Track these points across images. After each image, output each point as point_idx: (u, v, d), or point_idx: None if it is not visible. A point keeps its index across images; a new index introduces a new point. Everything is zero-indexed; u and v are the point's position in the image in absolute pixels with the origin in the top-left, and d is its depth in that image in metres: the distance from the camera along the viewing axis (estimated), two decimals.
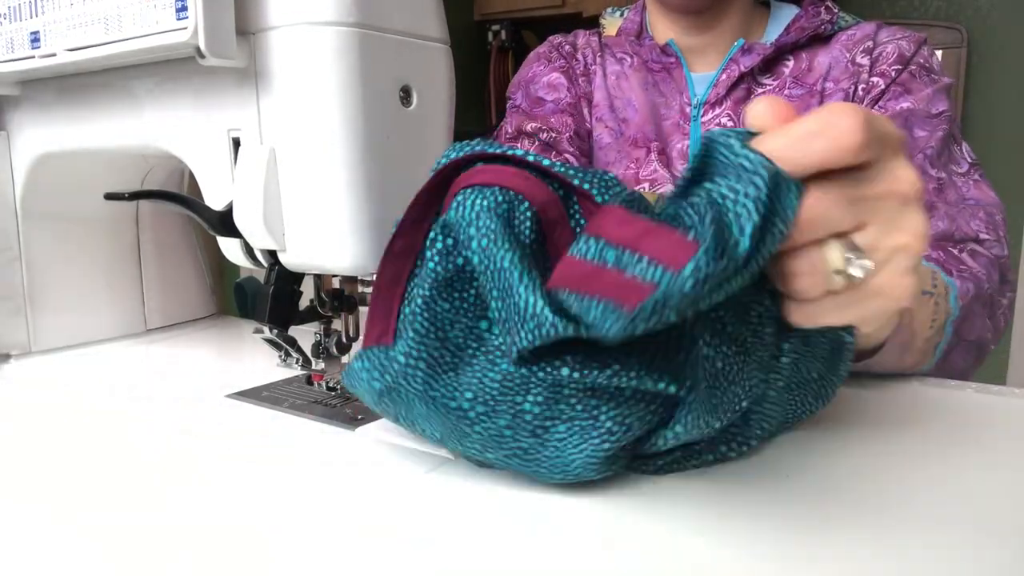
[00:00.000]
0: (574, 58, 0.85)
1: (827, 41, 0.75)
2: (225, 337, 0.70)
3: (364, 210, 0.41)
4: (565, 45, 0.86)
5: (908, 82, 0.71)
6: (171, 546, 0.31)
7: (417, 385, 0.34)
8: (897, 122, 0.69)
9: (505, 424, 0.34)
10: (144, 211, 0.67)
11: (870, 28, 0.74)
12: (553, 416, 0.33)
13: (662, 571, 0.29)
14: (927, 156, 0.67)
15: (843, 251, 0.30)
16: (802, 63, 0.74)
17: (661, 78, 0.78)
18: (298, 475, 0.38)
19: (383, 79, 0.41)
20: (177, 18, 0.39)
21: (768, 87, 0.74)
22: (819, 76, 0.73)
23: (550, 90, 0.83)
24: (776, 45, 0.74)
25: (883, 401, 0.48)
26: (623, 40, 0.82)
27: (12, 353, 0.60)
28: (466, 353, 0.35)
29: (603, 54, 0.83)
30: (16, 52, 0.48)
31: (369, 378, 0.36)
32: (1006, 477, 0.37)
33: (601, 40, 0.85)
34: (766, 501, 0.34)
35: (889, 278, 0.31)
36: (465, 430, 0.34)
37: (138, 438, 0.44)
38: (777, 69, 0.75)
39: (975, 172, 0.69)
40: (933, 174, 0.67)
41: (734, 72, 0.74)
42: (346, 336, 0.50)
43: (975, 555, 0.30)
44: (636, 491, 0.36)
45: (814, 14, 0.75)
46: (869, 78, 0.72)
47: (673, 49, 0.77)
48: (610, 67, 0.82)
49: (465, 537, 0.32)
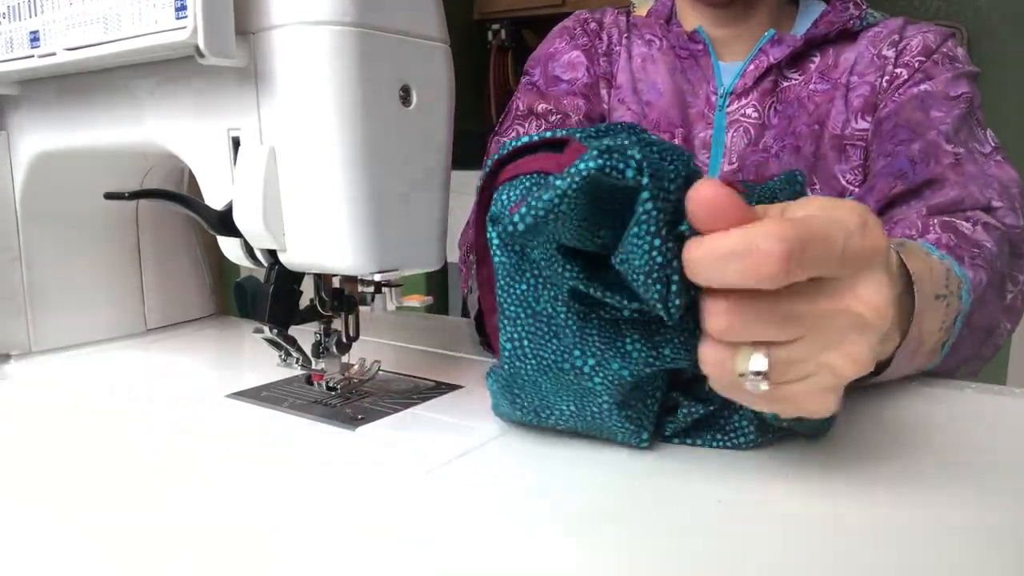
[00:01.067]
0: (598, 37, 0.83)
1: (854, 37, 0.74)
2: (225, 337, 0.70)
3: (364, 210, 0.41)
4: (591, 22, 0.85)
5: (930, 69, 0.70)
6: (171, 546, 0.31)
7: (530, 361, 0.39)
8: (913, 104, 0.68)
9: (618, 366, 0.37)
10: (144, 211, 0.67)
11: (897, 24, 0.74)
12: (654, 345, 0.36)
13: (663, 571, 0.29)
14: (941, 132, 0.66)
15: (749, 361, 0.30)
16: (828, 58, 0.74)
17: (688, 65, 0.78)
18: (298, 475, 0.38)
19: (383, 79, 0.41)
20: (176, 17, 0.38)
21: (794, 81, 0.74)
22: (844, 70, 0.73)
23: (568, 69, 0.82)
24: (806, 38, 0.73)
25: (883, 401, 0.47)
26: (652, 22, 0.82)
27: (12, 353, 0.60)
28: (558, 319, 0.38)
29: (630, 35, 0.82)
30: (15, 52, 0.48)
31: (498, 387, 0.41)
32: (1006, 477, 0.37)
33: (629, 20, 0.84)
34: (763, 502, 0.34)
35: (805, 391, 0.31)
36: (588, 385, 0.38)
37: (138, 438, 0.44)
38: (804, 64, 0.74)
39: (997, 154, 0.67)
40: (949, 149, 0.65)
41: (763, 63, 0.74)
42: (346, 336, 0.50)
43: (975, 555, 0.30)
44: (636, 491, 0.36)
45: (842, 9, 0.75)
46: (894, 69, 0.71)
47: (701, 36, 0.77)
48: (636, 48, 0.81)
49: (465, 537, 0.32)
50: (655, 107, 0.77)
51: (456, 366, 0.58)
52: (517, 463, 0.40)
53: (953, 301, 0.51)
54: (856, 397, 0.48)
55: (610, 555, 0.30)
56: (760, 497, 0.35)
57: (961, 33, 1.83)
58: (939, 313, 0.49)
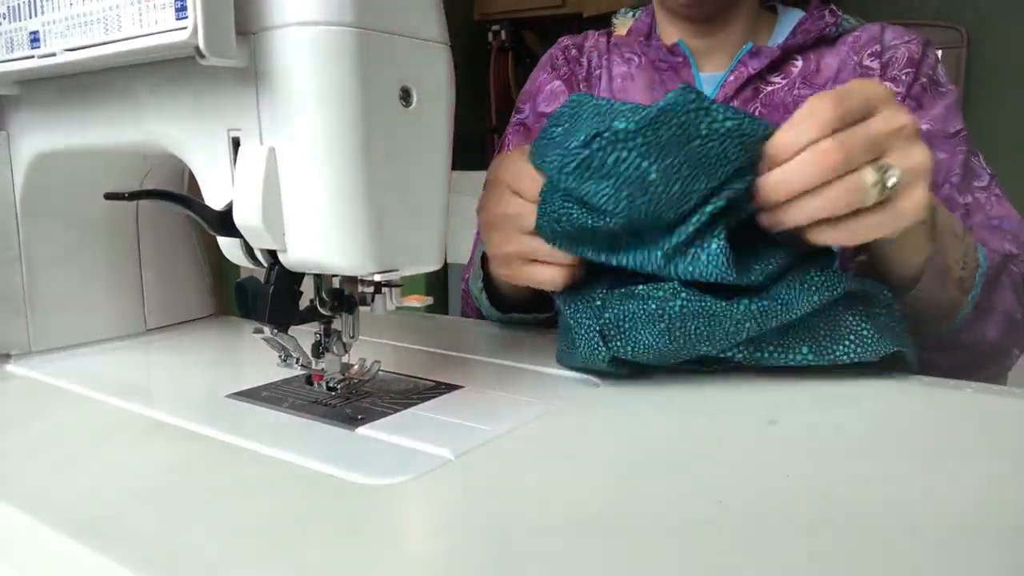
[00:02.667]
0: (578, 63, 0.85)
1: (833, 43, 0.76)
2: (225, 337, 0.70)
3: (364, 210, 0.41)
4: (572, 48, 0.87)
5: (920, 96, 0.72)
6: (170, 546, 0.31)
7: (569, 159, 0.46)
8: None
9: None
10: (144, 211, 0.67)
11: (875, 30, 0.76)
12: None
13: (662, 571, 0.29)
14: (953, 185, 0.68)
15: (875, 170, 0.42)
16: (810, 64, 0.75)
17: (668, 77, 0.79)
18: (298, 475, 0.38)
19: (383, 79, 0.41)
20: (176, 18, 0.38)
21: (777, 85, 0.75)
22: (828, 78, 0.74)
23: (551, 100, 0.84)
24: (783, 48, 0.75)
25: (882, 400, 0.47)
26: (632, 40, 0.83)
27: (12, 353, 0.60)
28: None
29: (610, 55, 0.83)
30: (15, 52, 0.48)
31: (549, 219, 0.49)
32: (1006, 477, 0.37)
33: (610, 41, 0.85)
34: (763, 502, 0.34)
35: (905, 191, 0.43)
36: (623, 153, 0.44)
37: (138, 438, 0.44)
38: (786, 68, 0.75)
39: (995, 186, 0.70)
40: (960, 201, 0.68)
41: (742, 74, 0.75)
42: (346, 336, 0.50)
43: (975, 555, 0.30)
44: (636, 490, 0.36)
45: (818, 17, 0.76)
46: (882, 82, 0.73)
47: (681, 49, 0.78)
48: (616, 68, 0.82)
49: (465, 537, 0.32)
50: None
51: (456, 366, 0.58)
52: (517, 463, 0.40)
53: (971, 251, 0.56)
54: (856, 396, 0.48)
55: (610, 555, 0.30)
56: (760, 497, 0.35)
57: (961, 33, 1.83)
58: (958, 248, 0.55)
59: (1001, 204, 0.69)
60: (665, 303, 0.47)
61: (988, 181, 0.70)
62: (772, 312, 0.47)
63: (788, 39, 0.76)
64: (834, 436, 0.42)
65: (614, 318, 0.49)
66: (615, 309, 0.49)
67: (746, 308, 0.47)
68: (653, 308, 0.48)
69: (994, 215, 0.68)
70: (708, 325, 0.47)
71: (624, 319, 0.49)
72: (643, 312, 0.48)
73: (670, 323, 0.48)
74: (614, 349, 0.49)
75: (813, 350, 0.49)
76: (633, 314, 0.48)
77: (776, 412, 0.45)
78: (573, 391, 0.51)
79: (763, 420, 0.44)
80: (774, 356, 0.49)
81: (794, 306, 0.47)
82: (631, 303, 0.49)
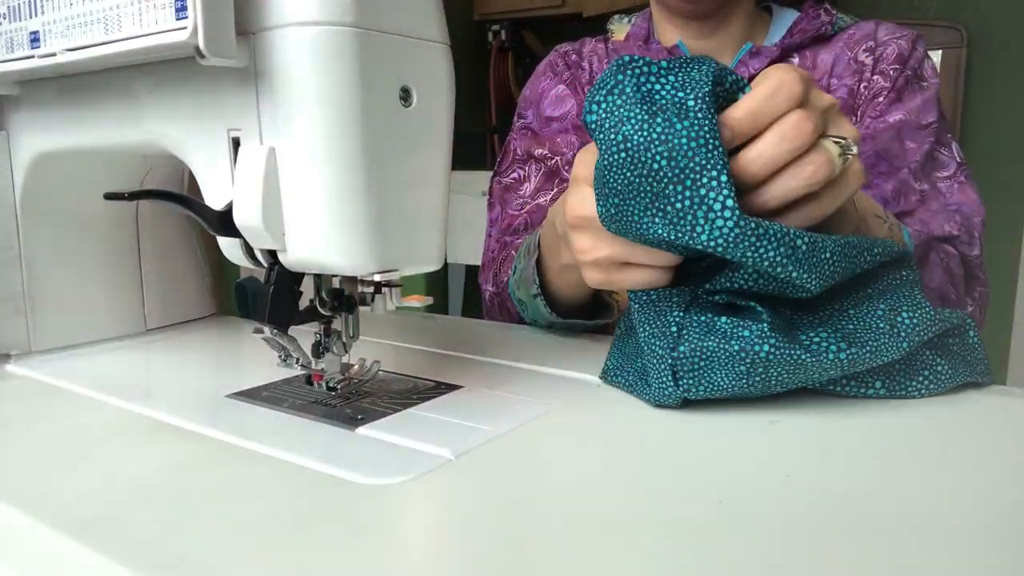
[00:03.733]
0: (579, 67, 0.86)
1: (828, 41, 0.78)
2: (225, 337, 0.70)
3: (364, 210, 0.41)
4: (572, 54, 0.87)
5: (902, 88, 0.74)
6: (171, 546, 0.31)
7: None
8: (890, 133, 0.73)
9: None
10: (144, 211, 0.67)
11: (869, 27, 0.77)
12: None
13: (662, 571, 0.29)
14: (911, 170, 0.71)
15: (833, 141, 0.43)
16: (807, 60, 0.77)
17: None
18: (297, 475, 0.38)
19: (383, 79, 0.41)
20: (176, 18, 0.38)
21: None
22: (823, 73, 0.76)
23: (557, 105, 0.84)
24: (781, 47, 0.76)
25: (881, 400, 0.47)
26: (631, 44, 0.83)
27: (12, 353, 0.60)
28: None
29: (610, 60, 0.84)
30: (15, 52, 0.48)
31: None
32: (1006, 477, 0.37)
33: (608, 46, 0.85)
34: (763, 502, 0.34)
35: (853, 160, 0.45)
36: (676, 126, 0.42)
37: (138, 438, 0.44)
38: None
39: (961, 173, 0.72)
40: (916, 187, 0.71)
41: (743, 74, 0.75)
42: (346, 336, 0.50)
43: (975, 555, 0.30)
44: (635, 490, 0.36)
45: (814, 16, 0.78)
46: (871, 76, 0.75)
47: (682, 51, 0.78)
48: None
49: (465, 537, 0.32)
50: None
51: (456, 366, 0.58)
52: (517, 463, 0.40)
53: (895, 232, 0.58)
54: (855, 398, 0.48)
55: (610, 555, 0.30)
56: (760, 497, 0.35)
57: (961, 33, 1.83)
58: (880, 230, 0.56)
59: (964, 191, 0.71)
60: (751, 346, 0.43)
61: (954, 170, 0.72)
62: (860, 360, 0.44)
63: (785, 39, 0.77)
64: (834, 436, 0.42)
65: (689, 353, 0.45)
66: (692, 343, 0.45)
67: (835, 357, 0.44)
68: (735, 350, 0.44)
69: (952, 201, 0.70)
70: (792, 373, 0.44)
71: (701, 356, 0.45)
72: (724, 353, 0.44)
73: (751, 367, 0.44)
74: (684, 387, 0.45)
75: (886, 385, 0.47)
76: (712, 352, 0.44)
77: (776, 412, 0.45)
78: (573, 391, 0.51)
79: (763, 420, 0.44)
80: (847, 389, 0.47)
81: (883, 353, 0.45)
82: (711, 340, 0.44)
